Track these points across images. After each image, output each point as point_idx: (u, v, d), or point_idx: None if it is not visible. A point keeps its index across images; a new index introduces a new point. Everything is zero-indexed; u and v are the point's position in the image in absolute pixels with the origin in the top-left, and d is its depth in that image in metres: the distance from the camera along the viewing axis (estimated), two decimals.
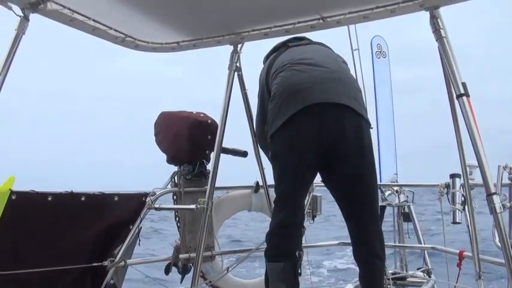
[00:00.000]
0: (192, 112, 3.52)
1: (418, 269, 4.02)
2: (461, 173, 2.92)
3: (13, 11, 2.16)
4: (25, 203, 2.42)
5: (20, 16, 2.19)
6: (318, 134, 2.59)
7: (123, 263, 2.83)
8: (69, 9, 2.41)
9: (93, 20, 2.58)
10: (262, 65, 3.03)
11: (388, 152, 5.02)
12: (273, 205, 2.83)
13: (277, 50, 2.99)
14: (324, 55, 2.84)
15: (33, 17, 2.26)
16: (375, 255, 2.72)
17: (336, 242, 4.24)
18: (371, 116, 2.79)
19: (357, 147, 2.64)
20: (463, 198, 3.32)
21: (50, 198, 2.54)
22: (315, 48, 2.92)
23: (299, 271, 2.80)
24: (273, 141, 2.72)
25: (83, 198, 2.69)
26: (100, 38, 2.75)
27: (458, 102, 2.30)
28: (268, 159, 2.92)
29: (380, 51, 5.43)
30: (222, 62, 3.01)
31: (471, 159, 2.69)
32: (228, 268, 3.42)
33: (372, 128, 2.79)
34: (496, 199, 2.14)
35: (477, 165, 2.30)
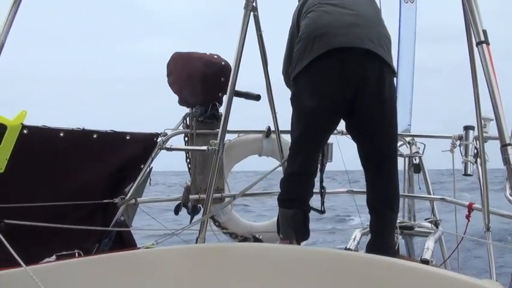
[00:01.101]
0: (205, 53, 3.46)
1: (426, 219, 4.03)
2: (475, 126, 2.86)
3: None
4: (37, 137, 2.41)
5: None
6: (339, 79, 2.55)
7: (133, 200, 2.86)
8: None
9: None
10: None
11: (405, 102, 4.94)
12: (284, 151, 2.81)
13: None
14: None
15: None
16: (388, 205, 2.73)
17: (345, 189, 4.25)
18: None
19: (377, 96, 2.59)
20: (475, 151, 3.29)
21: (61, 134, 2.53)
22: None
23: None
24: (295, 84, 2.70)
25: (95, 136, 2.68)
26: None
27: (478, 50, 2.22)
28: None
29: None
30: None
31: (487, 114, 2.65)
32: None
33: (396, 76, 2.72)
34: (510, 150, 2.09)
35: (492, 118, 2.24)
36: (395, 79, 2.74)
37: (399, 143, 4.26)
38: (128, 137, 2.85)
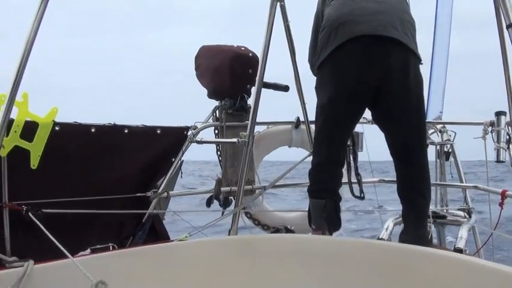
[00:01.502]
0: (232, 45, 3.47)
1: (458, 208, 3.97)
2: (507, 111, 2.79)
3: None
4: (68, 134, 2.46)
5: None
6: (361, 67, 2.53)
7: (165, 194, 2.89)
8: None
9: None
10: None
11: (437, 89, 4.83)
12: (313, 141, 2.80)
13: None
14: None
15: None
16: (420, 193, 2.69)
17: (376, 179, 4.21)
18: (427, 50, 2.65)
19: (402, 84, 2.55)
20: (508, 137, 3.21)
21: (93, 130, 2.57)
22: None
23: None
24: (319, 73, 2.70)
25: (126, 131, 2.71)
26: None
27: (509, 32, 2.15)
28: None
29: None
30: None
31: None
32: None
33: (422, 63, 2.67)
34: None
35: None
36: (428, 67, 2.68)
37: (430, 131, 4.19)
38: (158, 131, 2.88)
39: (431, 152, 4.26)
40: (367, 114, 2.85)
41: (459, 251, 2.86)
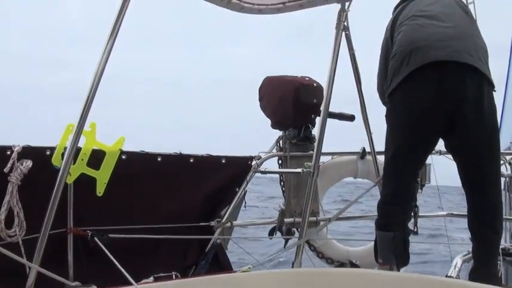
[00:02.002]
0: (296, 76, 3.47)
1: None
2: None
3: None
4: (135, 162, 2.51)
5: None
6: (436, 95, 2.44)
7: (229, 223, 2.89)
8: None
9: None
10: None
11: (510, 116, 4.61)
12: (380, 172, 2.72)
13: (405, 0, 2.82)
14: (448, 7, 2.65)
15: None
16: (492, 228, 2.56)
17: (445, 212, 4.04)
18: (501, 76, 2.55)
19: (477, 112, 2.45)
20: None
21: (159, 159, 2.62)
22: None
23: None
24: (390, 100, 2.63)
25: (191, 160, 2.75)
26: (206, 1, 2.74)
27: None
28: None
29: None
30: None
31: None
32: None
33: (495, 90, 2.56)
34: None
35: None
36: (501, 94, 2.57)
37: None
38: (223, 161, 2.90)
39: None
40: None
41: None
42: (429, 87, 2.45)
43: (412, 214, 3.06)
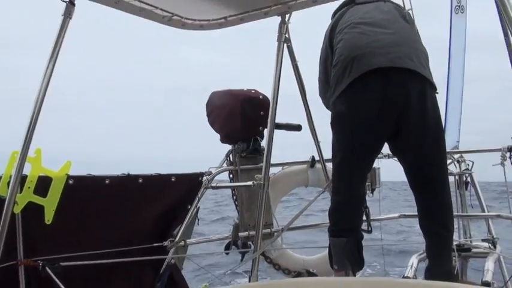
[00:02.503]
0: (242, 89, 3.48)
1: (482, 239, 3.85)
2: None
3: None
4: (82, 187, 2.45)
5: (65, 1, 2.17)
6: (380, 101, 2.48)
7: (183, 242, 2.85)
8: None
9: (139, 1, 2.55)
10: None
11: (453, 117, 4.77)
12: (330, 179, 2.75)
13: (344, 6, 2.88)
14: (387, 13, 2.71)
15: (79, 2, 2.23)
16: (443, 226, 2.61)
17: (397, 214, 4.12)
18: (442, 77, 2.63)
19: (421, 114, 2.51)
20: None
21: (107, 181, 2.56)
22: (380, 6, 2.78)
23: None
24: (334, 108, 2.64)
25: (140, 180, 2.70)
26: (147, 19, 2.72)
27: None
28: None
29: (459, 6, 4.98)
30: None
31: None
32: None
33: (437, 93, 2.64)
34: None
35: None
36: (444, 92, 2.66)
37: (448, 161, 4.13)
38: (173, 179, 2.87)
39: (450, 183, 4.19)
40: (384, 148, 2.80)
41: (487, 284, 2.77)
42: (373, 94, 2.49)
43: (364, 217, 3.12)
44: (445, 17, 4.98)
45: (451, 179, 4.15)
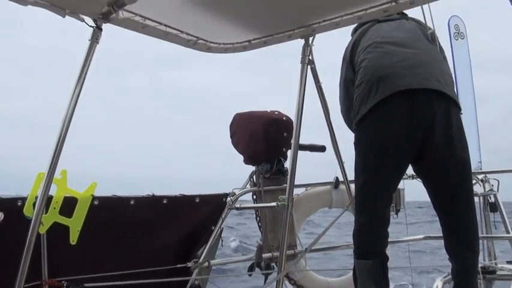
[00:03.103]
0: (266, 111, 3.51)
1: (508, 261, 3.78)
2: None
3: (86, 23, 2.20)
4: (108, 207, 2.48)
5: (92, 27, 2.23)
6: (407, 122, 2.47)
7: (206, 263, 2.85)
8: (140, 16, 2.43)
9: (165, 25, 2.60)
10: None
11: (471, 138, 4.76)
12: (353, 198, 2.74)
13: (365, 23, 2.87)
14: (411, 32, 2.72)
15: (106, 26, 2.29)
16: (469, 248, 2.57)
17: (422, 236, 4.07)
18: None
19: (446, 135, 2.50)
20: None
21: (132, 202, 2.59)
22: (403, 24, 2.79)
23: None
24: (358, 129, 2.64)
25: (164, 201, 2.73)
26: (172, 43, 2.78)
27: None
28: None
29: (458, 32, 5.14)
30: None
31: None
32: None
33: (462, 113, 2.63)
34: None
35: None
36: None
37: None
38: (197, 200, 2.88)
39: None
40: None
41: None
42: (399, 115, 2.48)
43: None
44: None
45: (475, 199, 4.11)
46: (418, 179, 2.82)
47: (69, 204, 2.22)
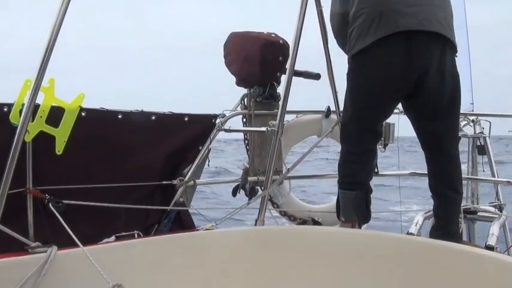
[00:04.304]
0: (262, 32, 3.40)
1: (490, 203, 3.87)
2: None
3: None
4: (95, 119, 2.44)
5: None
6: (404, 63, 2.45)
7: (192, 182, 2.86)
8: None
9: None
10: None
11: (463, 79, 4.71)
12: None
13: None
14: None
15: None
16: (452, 187, 2.63)
17: (408, 171, 4.12)
18: None
19: (438, 78, 2.49)
20: None
21: (120, 116, 2.55)
22: None
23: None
24: (354, 60, 2.60)
25: (153, 118, 2.69)
26: None
27: None
28: (344, 51, 2.78)
29: None
30: None
31: None
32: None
33: (457, 56, 2.60)
34: None
35: None
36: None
37: (463, 123, 4.10)
38: (186, 119, 2.84)
39: (463, 145, 4.17)
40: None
41: (490, 248, 2.81)
42: (396, 56, 2.45)
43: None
44: None
45: (465, 141, 4.13)
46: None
47: (56, 114, 2.16)
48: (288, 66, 2.82)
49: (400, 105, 2.81)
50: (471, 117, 4.21)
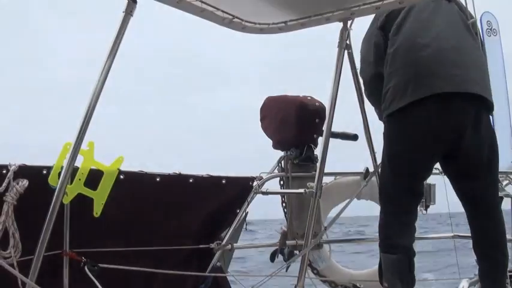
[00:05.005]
0: (298, 96, 3.45)
1: None
2: None
3: None
4: (133, 182, 2.47)
5: None
6: (438, 124, 2.44)
7: (229, 246, 2.82)
8: None
9: (201, 1, 2.55)
10: None
11: (504, 138, 4.62)
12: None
13: None
14: (452, 22, 2.60)
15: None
16: (498, 249, 2.53)
17: (451, 234, 3.97)
18: None
19: (475, 136, 2.46)
20: None
21: (158, 179, 2.57)
22: (443, 8, 2.65)
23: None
24: (389, 121, 2.60)
25: (191, 180, 2.70)
26: (207, 20, 2.72)
27: None
28: (378, 116, 2.80)
29: (490, 29, 5.00)
30: None
31: None
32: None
33: (492, 115, 2.57)
34: None
35: None
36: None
37: (504, 182, 3.97)
38: (223, 181, 2.85)
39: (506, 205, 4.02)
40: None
41: None
42: (433, 116, 2.45)
43: None
44: None
45: (507, 200, 3.98)
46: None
47: (94, 177, 2.20)
48: (324, 128, 2.81)
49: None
50: None
